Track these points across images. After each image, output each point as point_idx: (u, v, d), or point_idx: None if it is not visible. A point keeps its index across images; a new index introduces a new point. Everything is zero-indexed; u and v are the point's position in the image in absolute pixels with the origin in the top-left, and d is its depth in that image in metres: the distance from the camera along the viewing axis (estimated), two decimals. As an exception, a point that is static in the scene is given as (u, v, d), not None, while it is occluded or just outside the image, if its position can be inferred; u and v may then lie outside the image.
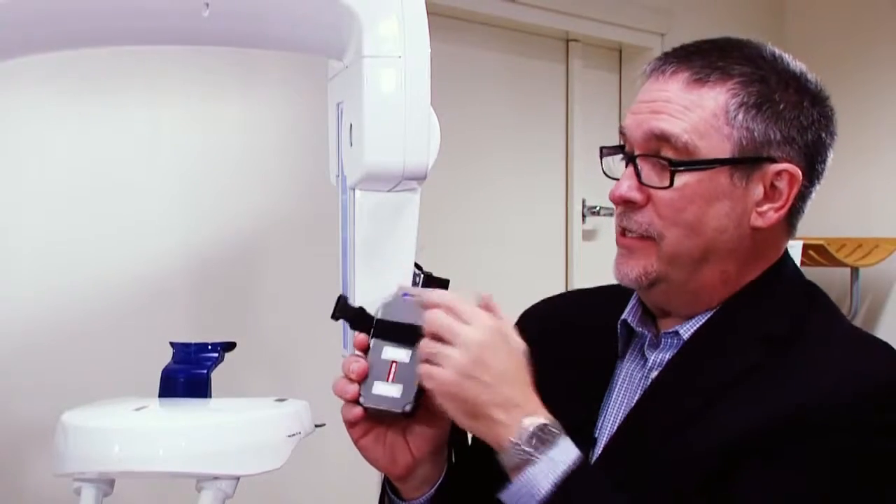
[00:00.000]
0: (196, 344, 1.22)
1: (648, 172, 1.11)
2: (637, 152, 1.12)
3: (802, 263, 2.91)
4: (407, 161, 1.09)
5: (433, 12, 1.11)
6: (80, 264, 1.84)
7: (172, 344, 1.23)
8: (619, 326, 1.19)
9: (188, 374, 1.20)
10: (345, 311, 1.10)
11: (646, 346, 1.17)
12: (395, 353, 1.05)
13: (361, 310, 1.09)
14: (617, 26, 2.93)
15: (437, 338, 1.02)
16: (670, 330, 1.15)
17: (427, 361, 1.02)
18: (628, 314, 1.19)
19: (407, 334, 1.05)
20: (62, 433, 1.10)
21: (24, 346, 1.77)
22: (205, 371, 1.20)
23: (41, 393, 1.74)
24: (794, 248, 2.88)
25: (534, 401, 1.03)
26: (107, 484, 1.12)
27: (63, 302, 1.82)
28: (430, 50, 1.09)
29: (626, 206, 1.13)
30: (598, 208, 2.93)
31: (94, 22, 1.10)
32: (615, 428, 1.14)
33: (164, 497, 1.63)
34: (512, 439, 1.00)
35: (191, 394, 1.19)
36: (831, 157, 1.16)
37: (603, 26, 2.90)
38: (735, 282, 1.14)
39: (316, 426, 1.18)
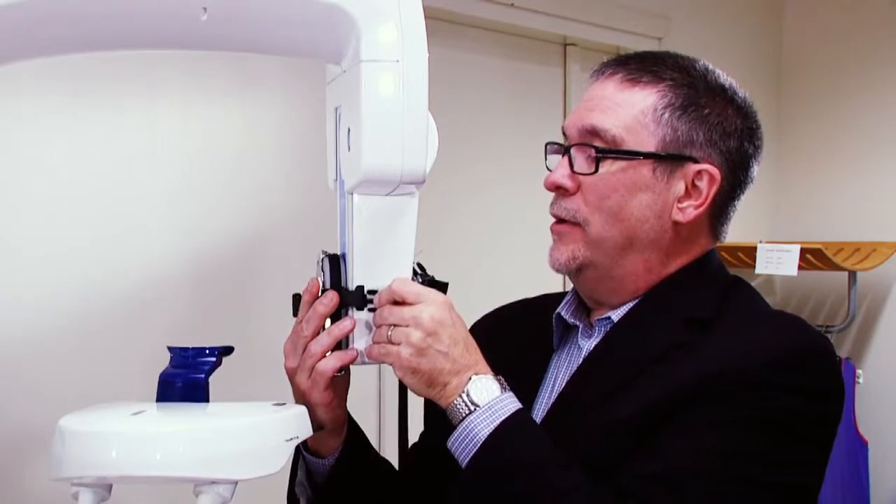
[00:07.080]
0: (194, 348, 1.21)
1: (581, 162, 1.19)
2: (572, 143, 1.20)
3: (800, 267, 2.91)
4: (405, 165, 1.09)
5: (431, 16, 1.12)
6: (77, 268, 1.84)
7: (170, 348, 1.22)
8: (553, 320, 1.26)
9: (186, 379, 1.20)
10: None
11: (579, 336, 1.25)
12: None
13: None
14: (614, 30, 2.93)
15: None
16: (603, 316, 1.22)
17: (383, 342, 1.12)
18: (562, 307, 1.27)
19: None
20: (59, 437, 1.09)
21: (21, 351, 1.77)
22: (202, 375, 1.20)
23: (38, 397, 1.74)
24: (792, 253, 2.88)
25: (482, 362, 1.13)
26: (104, 488, 1.12)
27: (60, 306, 1.82)
28: (427, 54, 1.09)
29: (558, 192, 1.22)
30: (595, 212, 2.93)
31: (93, 26, 1.10)
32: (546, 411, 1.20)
33: (162, 501, 1.62)
34: (459, 395, 1.10)
35: (189, 398, 1.19)
36: (756, 168, 1.24)
37: (600, 31, 2.90)
38: (658, 272, 1.21)
39: (314, 430, 1.18)
